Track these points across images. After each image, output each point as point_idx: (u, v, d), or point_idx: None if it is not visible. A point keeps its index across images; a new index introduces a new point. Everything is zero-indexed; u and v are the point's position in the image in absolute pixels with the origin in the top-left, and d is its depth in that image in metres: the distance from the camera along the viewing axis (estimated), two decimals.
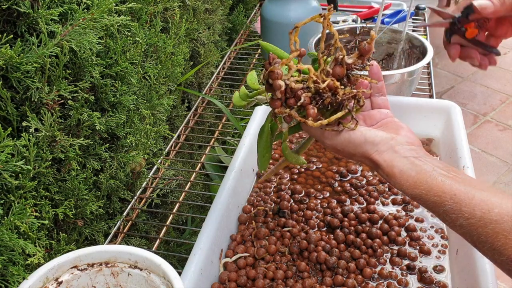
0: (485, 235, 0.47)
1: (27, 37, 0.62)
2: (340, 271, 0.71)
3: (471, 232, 0.48)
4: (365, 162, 0.57)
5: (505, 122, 2.38)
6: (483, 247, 0.47)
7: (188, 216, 1.14)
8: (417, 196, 0.52)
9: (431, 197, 0.51)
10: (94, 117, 0.72)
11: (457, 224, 0.49)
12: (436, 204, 0.51)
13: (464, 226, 0.48)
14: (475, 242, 0.48)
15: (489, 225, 0.46)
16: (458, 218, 0.49)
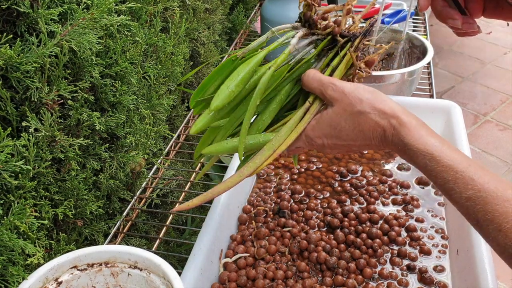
0: (492, 213, 0.46)
1: (26, 37, 0.62)
2: (340, 271, 0.71)
3: (478, 208, 0.47)
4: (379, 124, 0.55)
5: (505, 122, 2.38)
6: (488, 226, 0.46)
7: (188, 216, 1.14)
8: (430, 153, 0.51)
9: (444, 158, 0.50)
10: (94, 117, 0.72)
11: (464, 195, 0.48)
12: (448, 168, 0.50)
13: (472, 199, 0.47)
14: (479, 220, 0.47)
15: (501, 203, 0.46)
16: (467, 189, 0.48)
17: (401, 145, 0.53)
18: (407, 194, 0.85)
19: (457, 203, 0.49)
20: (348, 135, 0.57)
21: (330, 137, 0.58)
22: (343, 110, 0.56)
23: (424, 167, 0.52)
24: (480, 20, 0.67)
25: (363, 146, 0.58)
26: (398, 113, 0.54)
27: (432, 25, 3.27)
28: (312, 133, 0.59)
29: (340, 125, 0.57)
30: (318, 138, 0.59)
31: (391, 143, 0.55)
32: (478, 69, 2.80)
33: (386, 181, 0.88)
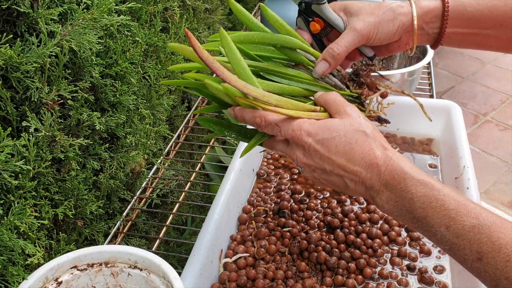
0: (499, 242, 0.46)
1: (27, 37, 0.62)
2: (340, 271, 0.71)
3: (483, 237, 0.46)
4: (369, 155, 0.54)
5: (505, 122, 2.38)
6: (494, 257, 0.46)
7: (188, 216, 1.14)
8: (431, 184, 0.51)
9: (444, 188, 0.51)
10: (94, 117, 0.72)
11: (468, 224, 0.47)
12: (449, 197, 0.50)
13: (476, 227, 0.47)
14: (483, 252, 0.46)
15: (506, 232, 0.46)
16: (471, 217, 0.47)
17: (399, 173, 0.52)
18: None
19: (458, 236, 0.48)
20: (336, 147, 0.55)
21: (318, 140, 0.56)
22: (350, 124, 0.56)
23: (424, 196, 0.50)
24: None
25: (341, 167, 0.55)
26: (392, 149, 0.55)
27: None
28: (306, 125, 0.56)
29: (338, 133, 0.55)
30: (307, 134, 0.56)
31: (381, 173, 0.53)
32: (478, 69, 2.80)
33: None
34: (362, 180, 0.55)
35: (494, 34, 0.63)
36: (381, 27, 0.63)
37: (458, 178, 0.81)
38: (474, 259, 0.47)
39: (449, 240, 0.48)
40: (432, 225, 0.49)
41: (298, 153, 0.58)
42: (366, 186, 0.54)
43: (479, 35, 0.64)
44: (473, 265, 0.47)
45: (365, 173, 0.54)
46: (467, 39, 0.65)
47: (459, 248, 0.48)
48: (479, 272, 0.47)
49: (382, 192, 0.53)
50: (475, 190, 0.77)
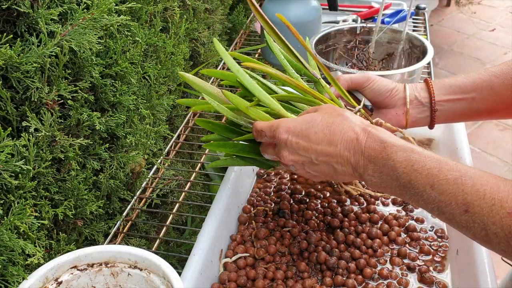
0: (484, 188, 0.47)
1: (27, 37, 0.62)
2: (340, 271, 0.71)
3: (467, 188, 0.48)
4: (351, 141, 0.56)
5: (505, 122, 2.38)
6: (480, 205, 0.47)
7: (188, 216, 1.14)
8: (410, 148, 0.53)
9: (424, 151, 0.53)
10: (94, 117, 0.72)
11: (452, 178, 0.49)
12: (431, 157, 0.51)
13: (459, 179, 0.49)
14: (468, 202, 0.48)
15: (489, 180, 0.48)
16: (454, 170, 0.49)
17: (379, 143, 0.54)
18: None
19: (443, 192, 0.49)
20: (316, 133, 0.57)
21: (297, 133, 0.58)
22: (325, 112, 0.58)
23: (405, 160, 0.52)
24: (480, 19, 0.74)
25: (323, 156, 0.57)
26: (372, 125, 0.57)
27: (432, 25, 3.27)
28: (283, 123, 0.60)
29: (315, 121, 0.58)
30: (285, 131, 0.59)
31: (362, 149, 0.55)
32: (478, 69, 2.79)
33: None
34: (347, 160, 0.56)
35: (479, 97, 0.70)
36: (380, 80, 0.74)
37: None
38: (461, 211, 0.48)
39: (435, 198, 0.50)
40: (417, 187, 0.51)
41: (284, 152, 0.60)
42: (352, 165, 0.56)
43: (467, 99, 0.70)
44: (461, 219, 0.48)
45: (348, 152, 0.56)
46: (458, 106, 0.71)
47: (446, 204, 0.49)
48: (468, 224, 0.48)
49: (367, 166, 0.54)
50: None
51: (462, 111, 0.72)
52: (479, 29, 3.15)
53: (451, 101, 0.71)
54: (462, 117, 0.73)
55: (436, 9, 3.34)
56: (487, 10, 3.46)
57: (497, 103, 0.69)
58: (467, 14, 3.31)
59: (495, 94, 0.69)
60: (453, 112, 0.72)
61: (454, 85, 0.71)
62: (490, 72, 0.70)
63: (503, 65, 0.69)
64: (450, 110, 0.72)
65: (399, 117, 0.73)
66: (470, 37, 3.09)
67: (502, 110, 0.70)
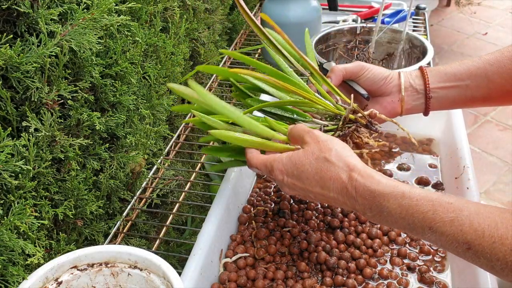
0: (482, 227, 0.47)
1: (27, 37, 0.62)
2: (340, 271, 0.71)
3: (465, 228, 0.48)
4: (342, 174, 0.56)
5: (505, 122, 2.38)
6: (481, 243, 0.47)
7: (188, 216, 1.14)
8: (401, 192, 0.52)
9: (415, 192, 0.52)
10: (94, 117, 0.72)
11: (448, 219, 0.49)
12: (423, 199, 0.51)
13: (456, 220, 0.48)
14: (469, 241, 0.48)
15: (488, 216, 0.48)
16: (449, 211, 0.49)
17: (368, 194, 0.54)
18: None
19: (442, 233, 0.49)
20: (308, 179, 0.58)
21: (291, 176, 0.60)
22: (311, 153, 0.58)
23: (398, 207, 0.52)
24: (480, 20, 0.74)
25: (320, 196, 0.58)
26: (359, 167, 0.56)
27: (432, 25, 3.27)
28: (276, 164, 0.61)
29: (304, 166, 0.58)
30: (280, 173, 0.61)
31: (354, 197, 0.55)
32: None
33: None
34: (343, 203, 0.57)
35: (474, 84, 0.70)
36: (374, 68, 0.75)
37: (458, 178, 0.81)
38: (464, 249, 0.48)
39: (437, 238, 0.50)
40: (417, 229, 0.51)
41: (284, 188, 0.63)
42: (347, 205, 0.57)
43: (461, 86, 0.71)
44: (466, 255, 0.48)
45: (342, 198, 0.57)
46: (453, 93, 0.72)
47: (448, 243, 0.49)
48: (474, 259, 0.48)
49: (365, 212, 0.55)
50: (475, 190, 0.77)
51: (456, 98, 0.72)
52: (479, 29, 3.16)
53: (445, 88, 0.72)
54: (456, 104, 0.74)
55: (436, 9, 3.34)
56: (487, 11, 3.46)
57: (492, 90, 0.69)
58: (467, 14, 3.31)
59: (490, 82, 0.69)
60: (447, 99, 0.72)
61: (449, 72, 0.72)
62: (484, 60, 0.70)
63: (497, 53, 0.70)
64: (445, 97, 0.72)
65: (395, 104, 0.74)
66: (470, 37, 3.09)
67: (496, 98, 0.71)
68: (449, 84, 0.72)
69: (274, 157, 0.62)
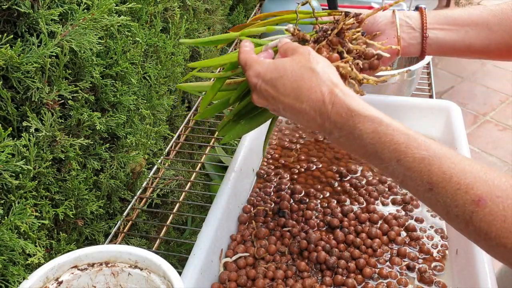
0: (450, 172, 0.47)
1: (27, 37, 0.62)
2: (340, 270, 0.71)
3: (433, 168, 0.47)
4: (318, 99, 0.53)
5: (505, 122, 2.38)
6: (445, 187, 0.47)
7: (188, 216, 1.14)
8: (379, 118, 0.51)
9: (393, 122, 0.51)
10: (94, 117, 0.72)
11: (418, 156, 0.48)
12: (399, 131, 0.50)
13: (426, 159, 0.48)
14: (433, 182, 0.47)
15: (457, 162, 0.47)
16: (421, 149, 0.48)
17: (345, 111, 0.52)
18: (406, 194, 0.85)
19: (409, 169, 0.48)
20: (284, 85, 0.55)
21: (266, 80, 0.56)
22: (298, 61, 0.56)
23: (372, 132, 0.50)
24: None
25: (289, 108, 0.55)
26: (342, 85, 0.54)
27: None
28: (256, 66, 0.58)
29: (286, 71, 0.55)
30: (256, 76, 0.57)
31: (328, 113, 0.53)
32: (477, 69, 2.80)
33: (385, 181, 0.88)
34: (313, 118, 0.55)
35: (473, 32, 0.67)
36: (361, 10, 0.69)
37: None
38: (425, 189, 0.48)
39: (400, 172, 0.49)
40: (383, 159, 0.50)
41: (254, 95, 0.59)
42: (318, 124, 0.55)
43: (460, 31, 0.68)
44: (424, 195, 0.48)
45: (314, 112, 0.54)
46: (451, 36, 0.69)
47: (410, 179, 0.49)
48: (430, 201, 0.48)
49: (333, 130, 0.53)
50: None
51: (454, 43, 0.69)
52: None
53: (443, 30, 0.69)
54: (454, 51, 0.71)
55: (436, 9, 3.34)
56: None
57: (491, 41, 0.68)
58: None
59: (490, 32, 0.67)
60: (445, 43, 0.70)
61: (449, 16, 0.69)
62: (488, 10, 0.68)
63: (504, 5, 0.67)
64: (442, 40, 0.69)
65: (390, 41, 0.69)
66: None
67: (495, 51, 0.69)
68: (447, 27, 0.69)
69: (258, 60, 0.59)
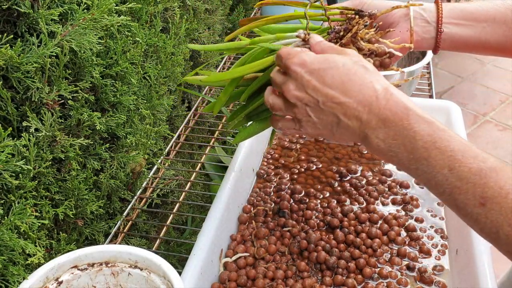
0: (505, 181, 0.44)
1: (27, 37, 0.62)
2: (340, 270, 0.71)
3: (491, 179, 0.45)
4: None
5: (505, 122, 2.38)
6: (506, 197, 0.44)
7: (188, 216, 1.14)
8: (436, 123, 0.49)
9: (448, 129, 0.49)
10: (94, 117, 0.72)
11: (475, 167, 0.45)
12: (455, 138, 0.48)
13: (483, 170, 0.45)
14: (487, 196, 0.44)
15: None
16: (478, 160, 0.46)
17: (401, 109, 0.49)
18: (406, 194, 0.85)
19: (461, 179, 0.45)
20: (333, 77, 0.51)
21: (312, 70, 0.52)
22: (350, 58, 0.53)
23: (428, 135, 0.48)
24: None
25: (330, 102, 0.52)
26: (393, 87, 0.52)
27: None
28: (302, 54, 0.54)
29: (336, 63, 0.52)
30: (300, 64, 0.53)
31: (378, 109, 0.50)
32: (477, 69, 2.80)
33: (385, 181, 0.88)
34: (357, 115, 0.51)
35: (490, 28, 0.65)
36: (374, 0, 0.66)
37: None
38: (476, 204, 0.45)
39: (450, 183, 0.46)
40: (433, 166, 0.47)
41: (291, 84, 0.54)
42: (361, 121, 0.51)
43: (476, 27, 0.65)
44: (473, 211, 0.45)
45: (362, 107, 0.51)
46: (466, 32, 0.66)
47: (461, 191, 0.46)
48: (479, 218, 0.45)
49: (379, 129, 0.50)
50: None
51: (469, 39, 0.67)
52: None
53: (459, 25, 0.66)
54: (468, 47, 0.68)
55: None
56: None
57: (508, 39, 0.65)
58: None
59: (508, 29, 0.64)
60: (460, 39, 0.67)
61: (466, 10, 0.66)
62: (507, 5, 0.65)
63: None
64: (457, 36, 0.66)
65: (403, 35, 0.66)
66: None
67: (510, 48, 0.66)
68: (463, 22, 0.66)
69: (303, 50, 0.55)
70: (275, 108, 0.58)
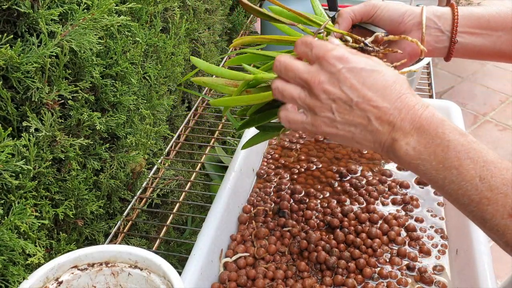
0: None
1: (27, 37, 0.62)
2: (340, 271, 0.71)
3: None
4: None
5: (505, 122, 2.38)
6: None
7: (188, 216, 1.14)
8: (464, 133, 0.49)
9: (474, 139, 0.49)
10: (94, 117, 0.72)
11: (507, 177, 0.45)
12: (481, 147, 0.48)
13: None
14: None
15: None
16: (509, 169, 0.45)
17: (436, 119, 0.49)
18: (406, 194, 0.85)
19: (492, 190, 0.45)
20: (375, 80, 0.50)
21: (352, 68, 0.51)
22: (391, 69, 0.53)
23: (461, 145, 0.47)
24: None
25: (371, 101, 0.50)
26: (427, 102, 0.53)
27: None
28: (339, 48, 0.52)
29: (381, 67, 0.51)
30: (340, 57, 0.51)
31: (419, 115, 0.49)
32: (477, 69, 2.80)
33: (385, 181, 0.88)
34: (392, 120, 0.50)
35: (506, 37, 0.63)
36: (388, 4, 0.65)
37: None
38: (505, 215, 0.44)
39: (480, 193, 0.46)
40: (464, 176, 0.47)
41: (322, 76, 0.51)
42: (393, 126, 0.50)
43: (492, 36, 0.63)
44: (500, 222, 0.45)
45: (398, 114, 0.50)
46: (481, 41, 0.64)
47: (489, 202, 0.45)
48: (506, 230, 0.44)
49: (411, 136, 0.49)
50: None
51: (483, 48, 0.65)
52: None
53: (474, 35, 0.64)
54: (482, 55, 0.66)
55: None
56: None
57: None
58: None
59: None
60: (473, 48, 0.65)
61: (483, 18, 0.63)
62: None
63: None
64: (471, 45, 0.65)
65: (415, 44, 0.63)
66: None
67: None
68: (479, 31, 0.64)
69: (344, 45, 0.55)
70: (286, 96, 0.55)
